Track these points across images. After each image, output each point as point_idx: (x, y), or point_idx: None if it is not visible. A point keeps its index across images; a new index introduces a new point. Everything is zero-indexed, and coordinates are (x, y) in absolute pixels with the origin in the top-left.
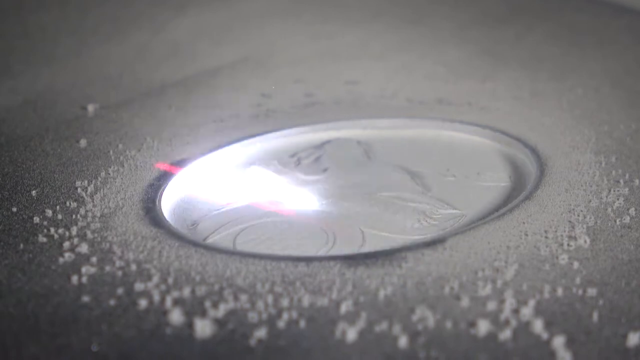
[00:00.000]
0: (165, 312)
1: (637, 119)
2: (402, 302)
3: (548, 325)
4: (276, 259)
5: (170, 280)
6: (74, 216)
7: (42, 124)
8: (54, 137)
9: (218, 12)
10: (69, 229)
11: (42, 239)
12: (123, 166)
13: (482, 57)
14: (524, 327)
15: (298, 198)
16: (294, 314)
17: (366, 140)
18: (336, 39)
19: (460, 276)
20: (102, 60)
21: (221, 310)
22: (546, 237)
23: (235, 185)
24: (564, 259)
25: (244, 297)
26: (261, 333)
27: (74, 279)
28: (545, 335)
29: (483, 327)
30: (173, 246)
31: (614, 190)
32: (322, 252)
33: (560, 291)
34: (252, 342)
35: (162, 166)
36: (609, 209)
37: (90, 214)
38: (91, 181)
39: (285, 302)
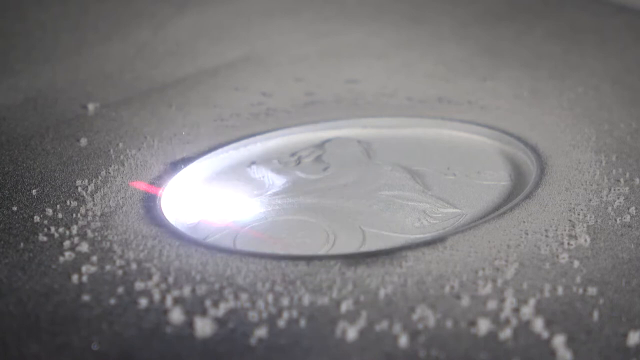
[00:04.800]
0: (165, 311)
1: (637, 118)
2: (403, 301)
3: (548, 324)
4: (276, 258)
5: (170, 279)
6: (74, 215)
7: (43, 123)
8: (55, 136)
9: (219, 10)
10: (69, 228)
11: (42, 237)
12: (123, 165)
13: (482, 56)
14: (525, 326)
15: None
16: (295, 313)
17: (366, 139)
18: (336, 38)
19: (460, 275)
20: (103, 59)
21: (221, 309)
22: (546, 236)
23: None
24: (564, 257)
25: (244, 296)
26: (261, 332)
27: (75, 277)
28: (545, 334)
29: (483, 326)
30: (173, 245)
31: (615, 189)
32: (322, 251)
33: (560, 290)
34: (253, 341)
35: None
36: (610, 208)
37: (90, 213)
38: (91, 180)
39: (285, 301)
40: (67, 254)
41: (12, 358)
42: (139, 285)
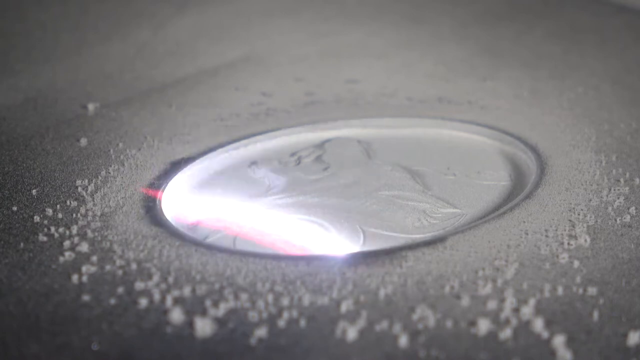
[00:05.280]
0: (165, 311)
1: (637, 118)
2: (403, 301)
3: (548, 324)
4: (276, 258)
5: (170, 279)
6: (74, 215)
7: (43, 123)
8: (55, 136)
9: (219, 10)
10: (69, 228)
11: (42, 237)
12: (123, 165)
13: (482, 56)
14: (525, 326)
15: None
16: (295, 313)
17: (366, 139)
18: (336, 38)
19: (460, 275)
20: (103, 59)
21: (221, 309)
22: (546, 236)
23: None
24: (564, 257)
25: (244, 296)
26: (261, 332)
27: (75, 277)
28: (545, 334)
29: (483, 326)
30: (173, 245)
31: (615, 189)
32: (322, 251)
33: (560, 290)
34: (253, 341)
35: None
36: (610, 208)
37: (90, 213)
38: (91, 180)
39: (285, 301)
40: (67, 254)
41: (12, 358)
42: (139, 285)
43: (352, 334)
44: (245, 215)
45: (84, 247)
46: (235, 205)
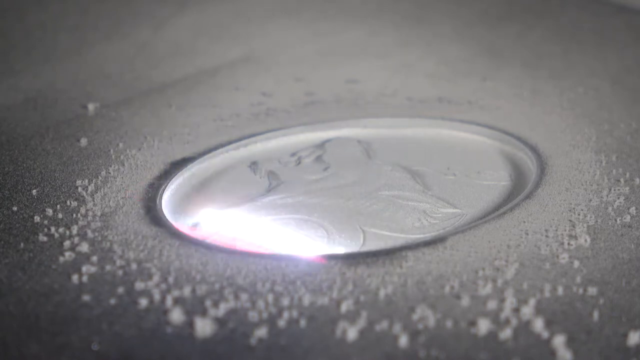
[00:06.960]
0: (165, 311)
1: (637, 118)
2: (403, 301)
3: (548, 324)
4: (277, 258)
5: (170, 279)
6: (74, 215)
7: (43, 123)
8: (55, 136)
9: (219, 10)
10: (69, 228)
11: (42, 238)
12: (123, 165)
13: (482, 56)
14: (525, 326)
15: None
16: (295, 313)
17: (366, 139)
18: (337, 38)
19: (460, 275)
20: (103, 59)
21: (222, 309)
22: (547, 236)
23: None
24: (564, 258)
25: (244, 296)
26: (262, 332)
27: (75, 278)
28: (545, 334)
29: (483, 326)
30: (174, 245)
31: (615, 189)
32: (322, 251)
33: (560, 290)
34: (253, 341)
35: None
36: (610, 208)
37: (90, 213)
38: (92, 180)
39: (285, 301)
40: (67, 254)
41: (12, 358)
42: (139, 285)
43: (352, 334)
44: (241, 218)
45: (84, 247)
46: (234, 206)
